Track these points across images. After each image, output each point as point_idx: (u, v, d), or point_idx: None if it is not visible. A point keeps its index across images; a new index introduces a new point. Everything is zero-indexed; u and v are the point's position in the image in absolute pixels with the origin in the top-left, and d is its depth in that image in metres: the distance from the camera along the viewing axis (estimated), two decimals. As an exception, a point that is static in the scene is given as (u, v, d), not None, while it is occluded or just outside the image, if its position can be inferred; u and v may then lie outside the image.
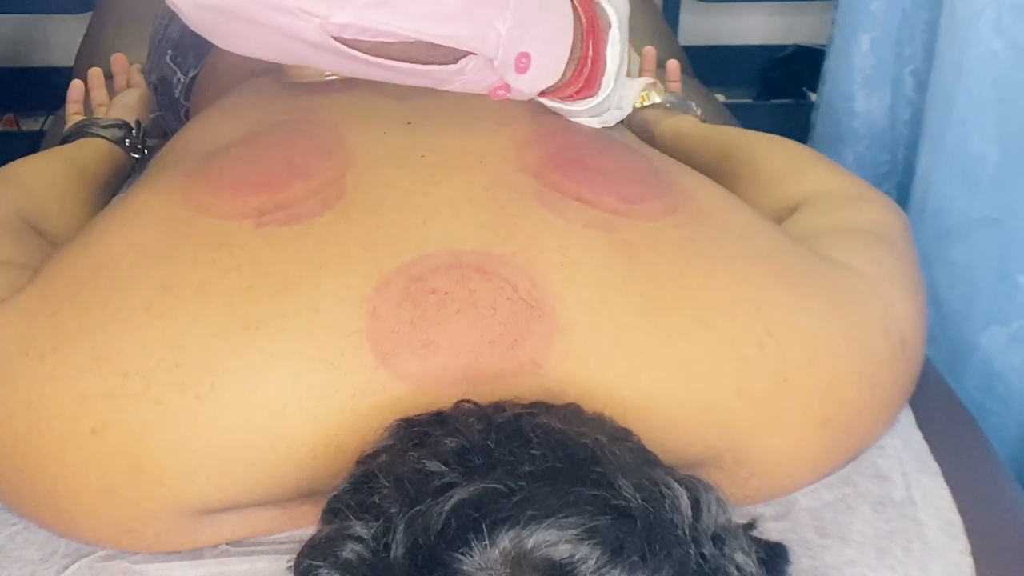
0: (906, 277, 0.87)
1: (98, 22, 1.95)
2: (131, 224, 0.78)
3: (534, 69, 0.80)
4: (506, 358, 0.70)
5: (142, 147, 1.26)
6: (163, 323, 0.70)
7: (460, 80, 0.79)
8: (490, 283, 0.71)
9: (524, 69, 0.80)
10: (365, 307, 0.70)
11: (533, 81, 0.82)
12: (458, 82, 0.79)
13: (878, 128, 1.76)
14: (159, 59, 1.36)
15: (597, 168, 0.81)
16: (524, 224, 0.75)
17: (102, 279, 0.74)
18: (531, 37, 0.78)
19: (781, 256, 0.81)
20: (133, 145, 1.25)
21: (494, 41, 0.75)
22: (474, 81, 0.80)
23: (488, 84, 0.81)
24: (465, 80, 0.79)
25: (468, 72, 0.78)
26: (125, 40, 1.74)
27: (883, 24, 1.70)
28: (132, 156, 1.24)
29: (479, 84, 0.80)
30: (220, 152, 0.83)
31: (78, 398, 0.69)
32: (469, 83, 0.80)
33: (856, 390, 0.79)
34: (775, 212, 0.96)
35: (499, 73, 0.79)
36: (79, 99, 1.32)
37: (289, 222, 0.74)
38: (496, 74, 0.79)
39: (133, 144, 1.25)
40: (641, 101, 1.31)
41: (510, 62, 0.78)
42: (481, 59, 0.77)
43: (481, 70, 0.78)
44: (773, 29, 2.69)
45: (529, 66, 0.80)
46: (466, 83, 0.80)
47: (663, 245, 0.76)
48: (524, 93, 0.83)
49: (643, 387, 0.72)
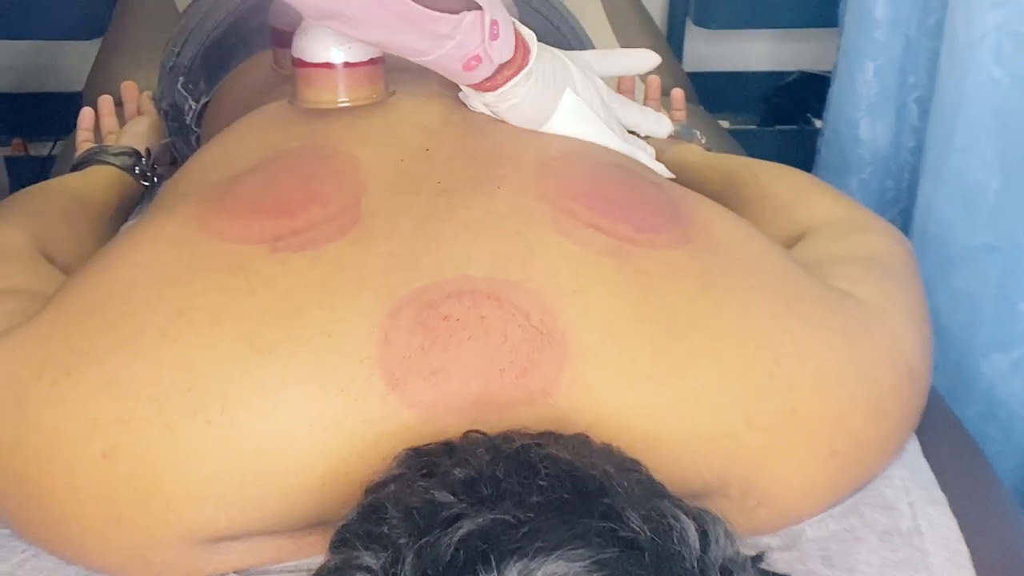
0: (912, 306, 0.87)
1: (108, 48, 1.96)
2: (146, 248, 0.78)
3: (501, 37, 0.84)
4: (516, 386, 0.70)
5: (152, 175, 1.27)
6: (176, 347, 0.70)
7: (452, 42, 0.81)
8: (502, 310, 0.71)
9: (496, 36, 0.83)
10: (377, 333, 0.70)
11: (501, 49, 0.85)
12: (450, 44, 0.81)
13: (882, 155, 1.76)
14: (170, 86, 1.37)
15: (614, 198, 0.82)
16: (539, 250, 0.76)
17: (116, 303, 0.74)
18: (496, 9, 0.83)
19: (793, 287, 0.81)
20: (143, 173, 1.25)
21: None
22: (461, 44, 0.82)
23: (468, 52, 0.83)
24: (456, 42, 0.81)
25: (463, 28, 0.80)
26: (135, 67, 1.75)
27: (887, 52, 1.71)
28: (142, 184, 1.25)
29: (463, 48, 0.83)
30: (237, 178, 0.83)
31: (90, 422, 0.69)
32: (457, 45, 0.82)
33: (864, 420, 0.79)
34: (780, 241, 0.96)
35: (482, 36, 0.82)
36: (90, 127, 1.33)
37: (304, 247, 0.75)
38: (480, 38, 0.82)
39: (143, 172, 1.25)
40: (647, 130, 1.32)
41: (489, 24, 0.82)
42: (475, 16, 0.80)
43: (472, 28, 0.81)
44: (777, 55, 2.69)
45: (499, 33, 0.84)
46: (456, 45, 0.82)
47: (676, 274, 0.77)
48: (492, 64, 0.86)
49: (652, 415, 0.72)
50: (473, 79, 0.88)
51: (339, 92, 0.95)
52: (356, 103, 0.95)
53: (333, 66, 0.95)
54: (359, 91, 0.96)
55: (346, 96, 0.95)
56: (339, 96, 0.95)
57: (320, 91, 0.96)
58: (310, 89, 0.96)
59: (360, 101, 0.95)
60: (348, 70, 0.95)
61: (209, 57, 1.32)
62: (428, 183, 0.82)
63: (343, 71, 0.95)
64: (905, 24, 1.68)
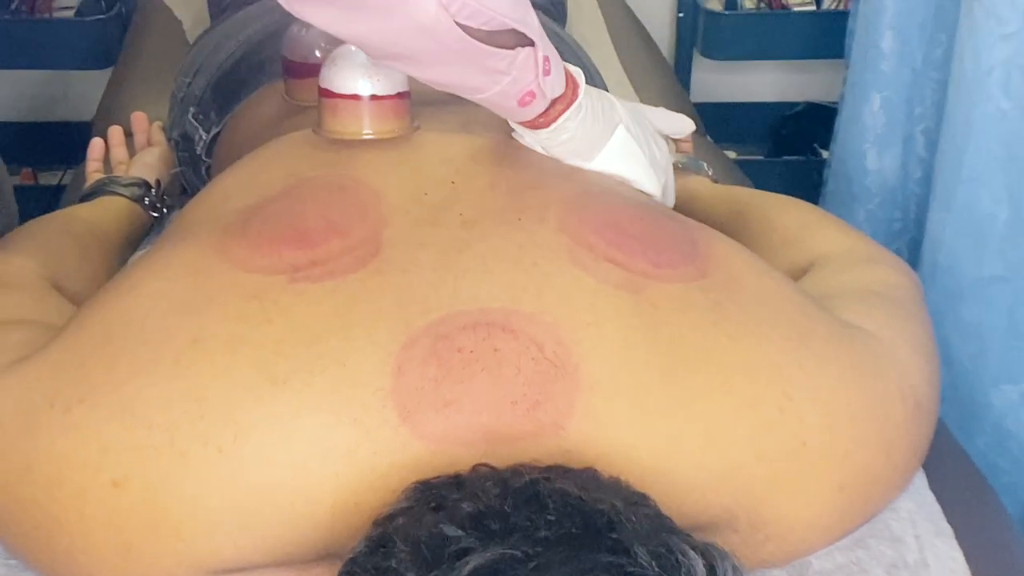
0: (919, 339, 0.88)
1: (118, 78, 1.97)
2: (163, 276, 0.78)
3: (553, 73, 0.85)
4: (527, 419, 0.70)
5: (161, 206, 1.27)
6: (190, 375, 0.70)
7: (507, 78, 0.82)
8: (516, 342, 0.71)
9: (548, 72, 0.84)
10: (391, 364, 0.70)
11: (553, 85, 0.86)
12: (505, 80, 0.82)
13: (890, 186, 1.77)
14: (181, 116, 1.38)
15: (633, 232, 0.82)
16: (555, 282, 0.76)
17: (131, 331, 0.74)
18: (546, 45, 0.84)
19: (805, 321, 0.81)
20: (152, 204, 1.26)
21: (536, 32, 0.81)
22: (516, 80, 0.83)
23: (522, 88, 0.84)
24: (511, 78, 0.82)
25: (518, 64, 0.82)
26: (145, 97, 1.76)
27: (894, 83, 1.72)
28: (151, 215, 1.26)
29: (518, 84, 0.84)
30: (258, 207, 0.84)
31: (101, 450, 0.69)
32: (512, 81, 0.83)
33: (873, 454, 0.79)
34: (787, 273, 0.96)
35: (536, 71, 0.83)
36: (99, 157, 1.34)
37: (323, 278, 0.75)
38: (534, 73, 0.83)
39: (152, 203, 1.26)
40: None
41: (542, 59, 0.83)
42: (528, 52, 0.81)
43: (527, 64, 0.82)
44: (784, 86, 2.69)
45: (551, 69, 0.85)
46: (511, 81, 0.83)
47: (689, 308, 0.77)
48: (545, 99, 0.87)
49: (662, 448, 0.72)
50: (527, 115, 0.89)
51: (364, 124, 0.96)
52: (381, 136, 0.95)
53: (360, 98, 0.96)
54: (385, 124, 0.96)
55: (371, 129, 0.96)
56: (364, 128, 0.96)
57: (346, 122, 0.96)
58: (336, 120, 0.97)
59: (385, 134, 0.96)
60: (375, 103, 0.96)
61: (220, 88, 1.33)
62: (450, 215, 0.82)
63: (370, 103, 0.96)
64: (911, 56, 1.69)
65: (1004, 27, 1.29)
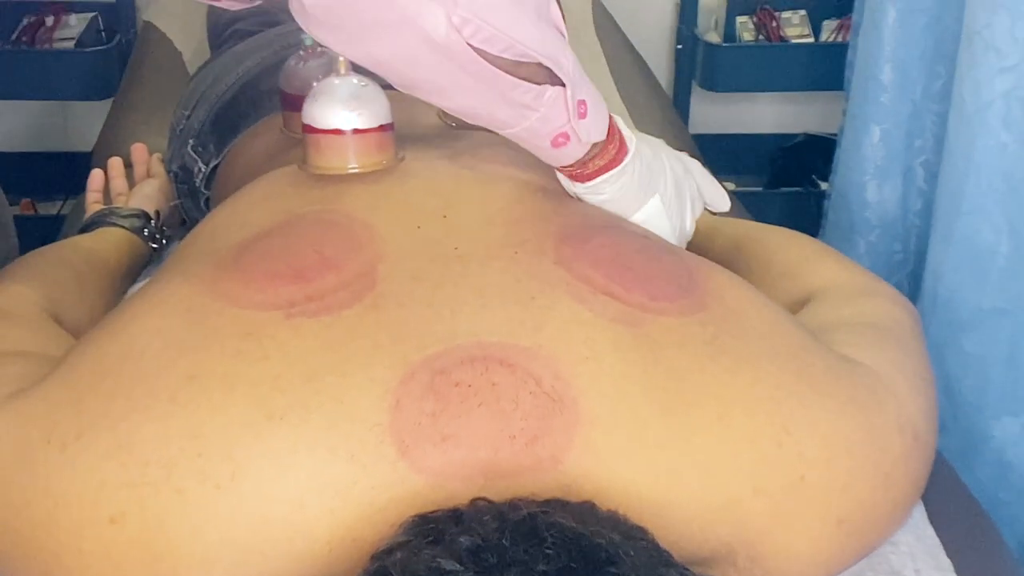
0: (917, 372, 0.88)
1: (118, 109, 1.98)
2: (157, 313, 0.78)
3: (589, 117, 0.85)
4: (525, 454, 0.70)
5: (160, 237, 1.28)
6: (187, 412, 0.70)
7: (535, 115, 0.82)
8: (514, 376, 0.71)
9: (583, 115, 0.85)
10: (389, 399, 0.70)
11: (589, 130, 0.87)
12: (533, 116, 0.82)
13: (890, 218, 1.77)
14: (180, 148, 1.38)
15: (631, 266, 0.82)
16: (553, 316, 0.76)
17: (127, 368, 0.74)
18: (585, 89, 0.84)
19: (803, 355, 0.81)
20: (151, 235, 1.26)
21: (567, 72, 0.81)
22: (546, 118, 0.83)
23: (554, 128, 0.84)
24: (540, 115, 0.82)
25: (546, 101, 0.81)
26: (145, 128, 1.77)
27: (894, 116, 1.73)
28: (150, 246, 1.26)
29: (548, 123, 0.84)
30: (250, 242, 0.84)
31: (98, 486, 0.69)
32: (542, 119, 0.83)
33: (872, 488, 0.79)
34: (786, 305, 0.96)
35: (567, 113, 0.83)
36: (99, 188, 1.35)
37: (318, 314, 0.75)
38: (565, 115, 0.83)
39: (151, 234, 1.26)
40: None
41: (574, 104, 0.83)
42: (558, 92, 0.81)
43: (556, 103, 0.82)
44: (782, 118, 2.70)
45: (587, 113, 0.85)
46: (540, 119, 0.83)
47: (688, 342, 0.77)
48: (580, 143, 0.87)
49: (660, 482, 0.72)
50: (563, 160, 0.90)
51: (349, 158, 0.96)
52: (366, 169, 0.96)
53: (343, 132, 0.96)
54: (369, 157, 0.96)
55: (356, 162, 0.96)
56: (349, 162, 0.96)
57: (330, 157, 0.97)
58: (319, 155, 0.97)
59: (370, 167, 0.96)
60: (358, 136, 0.96)
61: (219, 120, 1.33)
62: (444, 249, 0.83)
63: (352, 138, 0.96)
64: (911, 88, 1.70)
65: (1004, 60, 1.30)
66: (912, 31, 1.67)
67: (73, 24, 2.34)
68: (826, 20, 2.49)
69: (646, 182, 0.96)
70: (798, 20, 2.50)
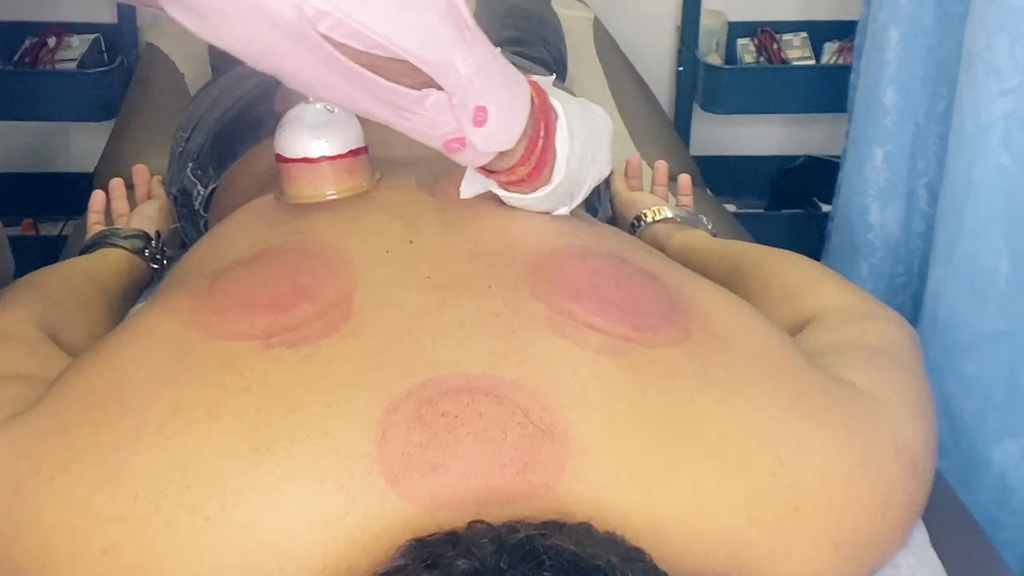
0: (916, 396, 0.87)
1: (120, 131, 1.99)
2: (141, 343, 0.79)
3: (490, 126, 0.82)
4: (517, 481, 0.69)
5: (161, 257, 1.28)
6: (173, 444, 0.70)
7: (418, 118, 0.79)
8: (501, 407, 0.71)
9: (481, 123, 0.81)
10: (375, 429, 0.70)
11: (488, 139, 0.83)
12: (417, 119, 0.79)
13: (892, 240, 1.78)
14: (179, 171, 1.38)
15: (610, 298, 0.81)
16: (536, 350, 0.76)
17: (112, 398, 0.74)
18: (490, 95, 0.80)
19: (796, 379, 0.81)
20: (152, 256, 1.27)
21: (454, 78, 0.77)
22: (431, 122, 0.80)
23: (444, 132, 0.81)
24: (423, 119, 0.79)
25: (428, 106, 0.78)
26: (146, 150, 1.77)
27: (896, 138, 1.73)
28: (151, 266, 1.26)
29: (436, 128, 0.81)
30: (225, 272, 0.84)
31: (90, 519, 0.69)
32: (427, 123, 0.80)
33: (869, 514, 0.78)
34: (785, 328, 0.96)
35: (457, 119, 0.80)
36: (100, 209, 1.35)
37: (297, 344, 0.75)
38: (454, 121, 0.80)
39: (152, 255, 1.27)
40: (652, 215, 1.33)
41: (468, 110, 0.80)
42: (443, 97, 0.78)
43: (441, 109, 0.79)
44: (783, 140, 2.71)
45: (485, 121, 0.81)
46: (424, 122, 0.80)
47: (675, 372, 0.76)
48: (478, 151, 0.84)
49: (653, 513, 0.71)
50: (465, 162, 0.88)
51: (321, 186, 0.96)
52: (343, 195, 0.96)
53: (312, 161, 0.96)
54: (342, 183, 0.96)
55: (332, 189, 0.96)
56: (324, 190, 0.96)
57: (302, 186, 0.97)
58: (292, 184, 0.97)
59: (345, 193, 0.96)
60: (328, 164, 0.96)
61: (218, 144, 1.34)
62: (416, 277, 0.82)
63: (324, 165, 0.96)
64: (914, 111, 1.70)
65: (1004, 82, 1.30)
66: (915, 53, 1.67)
67: (75, 45, 2.35)
68: (827, 42, 2.50)
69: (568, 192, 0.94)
70: (799, 42, 2.51)
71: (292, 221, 0.94)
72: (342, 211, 0.93)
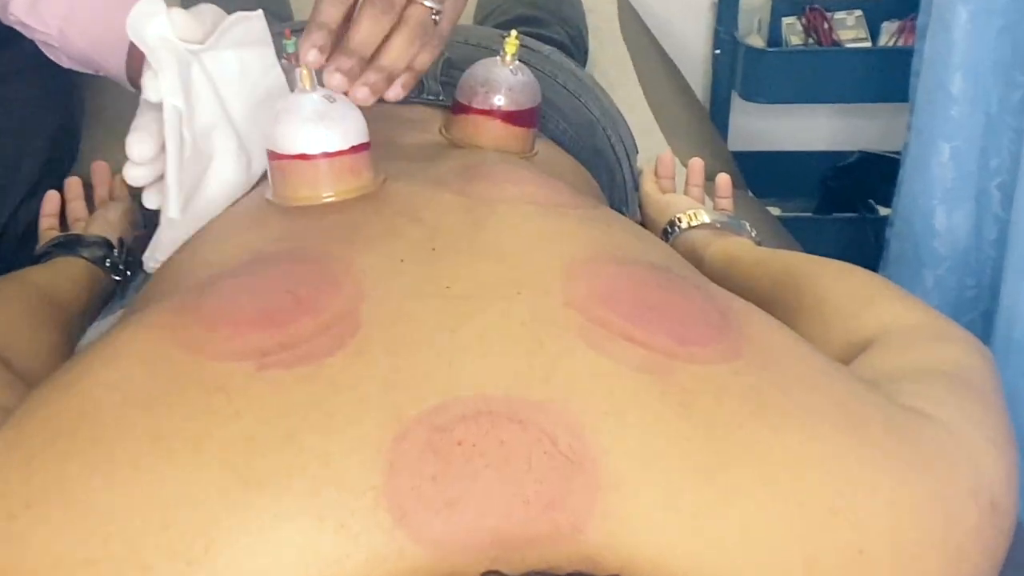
0: (995, 429, 0.87)
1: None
2: (114, 365, 0.79)
3: None
4: (541, 520, 0.69)
5: (125, 268, 1.28)
6: (151, 479, 0.70)
7: None
8: (525, 434, 0.71)
9: None
10: (382, 460, 0.70)
11: None
12: None
13: (961, 248, 1.77)
14: (147, 169, 1.39)
15: (653, 304, 0.82)
16: (566, 365, 0.76)
17: (82, 428, 0.74)
18: None
19: (859, 407, 0.81)
20: (115, 265, 1.27)
21: None
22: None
23: None
24: None
25: None
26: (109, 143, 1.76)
27: (965, 131, 1.73)
28: (113, 278, 1.27)
29: None
30: (213, 283, 0.84)
31: (53, 563, 0.69)
32: None
33: (941, 563, 0.78)
34: (842, 349, 0.96)
35: None
36: (54, 212, 1.35)
37: (295, 364, 0.75)
38: None
39: (114, 265, 1.27)
40: (688, 220, 1.33)
41: None
42: None
43: None
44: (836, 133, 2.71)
45: None
46: None
47: (724, 394, 0.76)
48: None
49: (696, 554, 0.71)
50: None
51: (319, 186, 0.96)
52: (341, 197, 0.96)
53: (310, 157, 0.96)
54: (343, 184, 0.96)
55: (329, 190, 0.96)
56: (321, 191, 0.96)
57: (298, 186, 0.97)
58: (286, 184, 0.97)
59: (345, 195, 0.96)
60: (328, 161, 0.96)
61: (192, 136, 1.34)
62: (435, 287, 0.83)
63: (322, 163, 0.96)
64: (985, 100, 1.70)
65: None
66: (986, 34, 1.68)
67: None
68: (886, 21, 2.51)
69: None
70: (853, 21, 2.51)
71: (289, 224, 0.94)
72: (346, 214, 0.93)
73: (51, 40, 1.18)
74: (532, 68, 1.24)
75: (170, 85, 0.99)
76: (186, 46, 1.02)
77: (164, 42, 1.00)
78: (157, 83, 0.99)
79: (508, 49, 1.16)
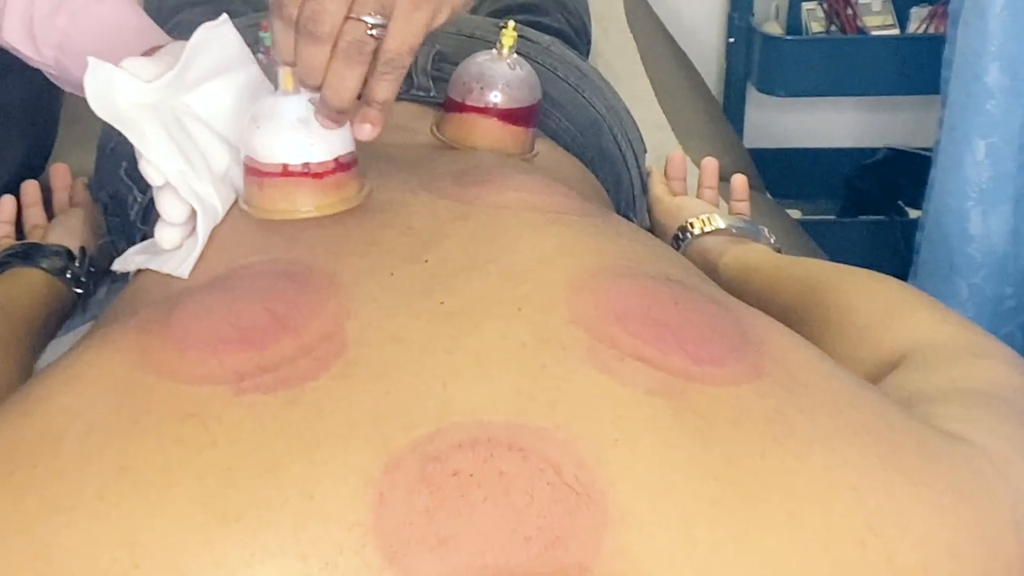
0: (1038, 454, 0.87)
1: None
2: (76, 390, 0.78)
3: None
4: (545, 559, 0.69)
5: (87, 280, 1.28)
6: (118, 513, 0.70)
7: None
8: (527, 464, 0.71)
9: None
10: (371, 493, 0.70)
11: None
12: None
13: (998, 255, 1.77)
14: (111, 173, 1.38)
15: (665, 321, 0.81)
16: (571, 389, 0.76)
17: (42, 458, 0.74)
18: None
19: (890, 434, 0.81)
20: (76, 277, 1.27)
21: None
22: None
23: None
24: None
25: None
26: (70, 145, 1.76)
27: (1002, 127, 1.73)
28: (74, 291, 1.26)
29: None
30: (183, 300, 0.84)
31: None
32: None
33: None
34: (871, 366, 0.96)
35: None
36: (10, 219, 1.35)
37: (276, 388, 0.75)
38: None
39: (76, 276, 1.27)
40: (701, 226, 1.33)
41: None
42: None
43: None
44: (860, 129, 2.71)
45: None
46: None
47: (744, 418, 0.76)
48: None
49: None
50: None
51: (299, 201, 0.96)
52: (323, 212, 0.96)
53: (290, 170, 0.96)
54: (325, 198, 0.97)
55: (310, 205, 0.96)
56: (300, 205, 0.96)
57: (276, 200, 0.97)
58: (263, 196, 0.97)
59: (327, 209, 0.96)
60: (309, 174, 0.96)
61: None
62: (428, 303, 0.82)
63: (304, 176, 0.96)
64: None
65: None
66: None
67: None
68: (915, 7, 2.51)
69: None
70: (879, 6, 2.52)
71: (267, 236, 0.94)
72: (331, 225, 0.94)
73: (50, 69, 1.23)
74: (531, 61, 1.24)
75: (163, 154, 0.98)
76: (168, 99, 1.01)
77: (138, 107, 0.99)
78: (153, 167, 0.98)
79: (505, 41, 1.16)
